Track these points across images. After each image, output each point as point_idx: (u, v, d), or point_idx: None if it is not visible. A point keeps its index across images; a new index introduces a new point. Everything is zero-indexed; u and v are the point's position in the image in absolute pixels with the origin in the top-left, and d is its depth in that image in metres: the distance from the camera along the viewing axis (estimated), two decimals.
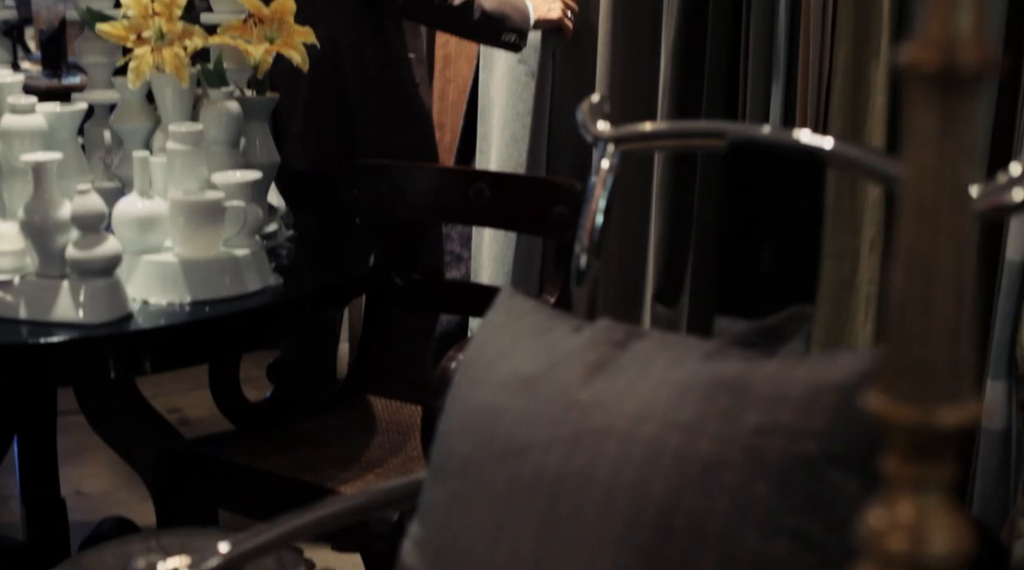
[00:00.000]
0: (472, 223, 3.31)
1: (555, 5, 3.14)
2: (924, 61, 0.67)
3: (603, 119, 1.64)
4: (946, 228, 0.69)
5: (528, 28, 3.08)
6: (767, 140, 1.58)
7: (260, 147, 2.45)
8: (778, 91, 2.66)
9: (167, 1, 2.26)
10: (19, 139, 2.17)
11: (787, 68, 2.65)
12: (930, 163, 0.68)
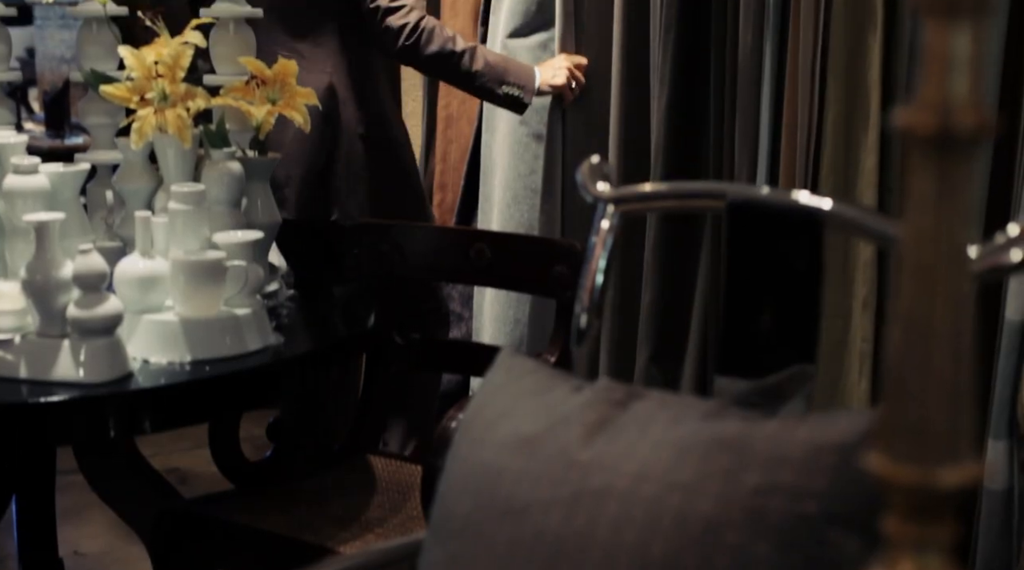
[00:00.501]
0: (472, 283, 3.31)
1: (560, 72, 3.14)
2: (921, 124, 0.68)
3: (603, 180, 1.65)
4: (944, 289, 0.69)
5: (532, 89, 3.10)
6: (766, 201, 1.59)
7: (261, 207, 2.46)
8: (764, 151, 2.68)
9: (170, 63, 2.28)
10: (22, 199, 2.18)
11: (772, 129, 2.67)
12: (927, 225, 0.69)
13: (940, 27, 0.68)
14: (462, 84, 3.23)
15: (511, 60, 3.11)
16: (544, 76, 3.12)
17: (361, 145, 3.04)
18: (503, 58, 3.10)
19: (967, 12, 0.67)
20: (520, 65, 3.11)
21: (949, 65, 0.67)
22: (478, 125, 3.49)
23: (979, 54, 0.68)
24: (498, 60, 3.07)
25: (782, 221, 1.50)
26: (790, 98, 2.61)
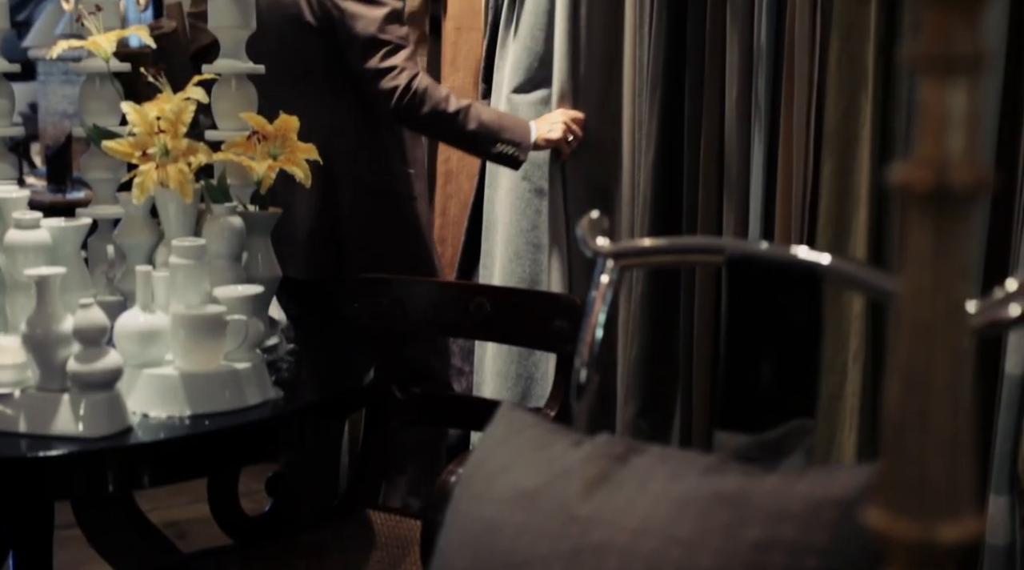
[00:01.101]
0: (472, 337, 3.32)
1: (557, 126, 3.15)
2: (918, 181, 0.69)
3: (602, 235, 1.66)
4: (942, 344, 0.70)
5: (528, 145, 3.09)
6: (765, 256, 1.59)
7: (262, 261, 2.47)
8: (758, 206, 2.69)
9: (172, 118, 2.30)
10: (23, 253, 2.18)
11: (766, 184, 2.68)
12: (925, 280, 0.69)
13: (936, 85, 0.68)
14: (457, 144, 3.25)
15: (506, 116, 3.12)
16: (540, 131, 3.13)
17: (368, 199, 3.04)
18: (498, 115, 3.10)
19: (963, 70, 0.68)
20: (516, 121, 3.11)
21: (945, 122, 0.68)
22: (479, 180, 3.50)
23: (975, 111, 0.69)
24: (493, 118, 3.07)
25: (781, 276, 1.51)
26: (784, 153, 2.63)
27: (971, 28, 0.68)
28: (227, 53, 2.69)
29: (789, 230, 2.62)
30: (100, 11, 2.53)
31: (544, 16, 3.18)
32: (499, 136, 3.06)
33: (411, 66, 2.98)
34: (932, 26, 0.68)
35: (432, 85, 3.01)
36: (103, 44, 2.49)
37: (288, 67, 3.01)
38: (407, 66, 2.97)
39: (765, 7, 2.64)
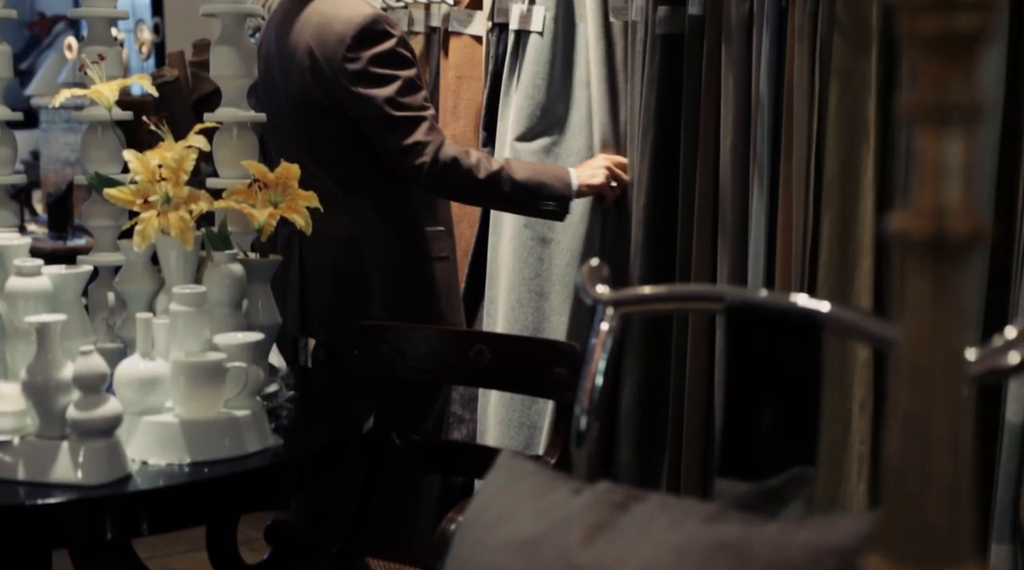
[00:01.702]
0: (472, 384, 3.31)
1: (599, 171, 3.06)
2: (916, 229, 0.69)
3: (602, 283, 1.66)
4: (941, 392, 0.70)
5: (570, 195, 2.99)
6: (765, 303, 1.60)
7: (262, 308, 2.47)
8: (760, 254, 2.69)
9: (174, 166, 2.31)
10: (24, 301, 2.19)
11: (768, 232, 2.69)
12: (924, 328, 0.70)
13: (933, 135, 0.69)
14: (496, 207, 3.18)
15: (543, 170, 3.01)
16: (582, 177, 3.03)
17: (391, 271, 2.98)
18: (534, 170, 2.99)
19: (959, 121, 0.68)
20: (554, 173, 3.01)
21: (943, 172, 0.69)
22: (480, 228, 3.51)
23: (971, 161, 0.69)
24: (529, 175, 2.95)
25: (781, 324, 1.51)
26: (784, 201, 2.63)
27: (967, 78, 0.69)
28: (229, 101, 2.70)
29: (789, 279, 2.62)
30: (103, 60, 2.55)
31: (546, 65, 3.19)
32: (539, 193, 2.96)
33: (434, 137, 2.87)
34: (928, 76, 0.69)
35: (460, 154, 2.90)
36: (106, 93, 2.51)
37: (305, 144, 2.94)
38: (430, 138, 2.86)
39: (764, 54, 2.66)
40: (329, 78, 2.84)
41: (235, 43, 2.69)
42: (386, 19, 2.86)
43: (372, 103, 2.82)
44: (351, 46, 2.80)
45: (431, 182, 2.87)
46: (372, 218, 2.95)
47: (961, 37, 0.69)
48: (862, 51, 2.49)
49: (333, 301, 2.98)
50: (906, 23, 0.71)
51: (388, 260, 2.96)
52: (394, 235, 2.97)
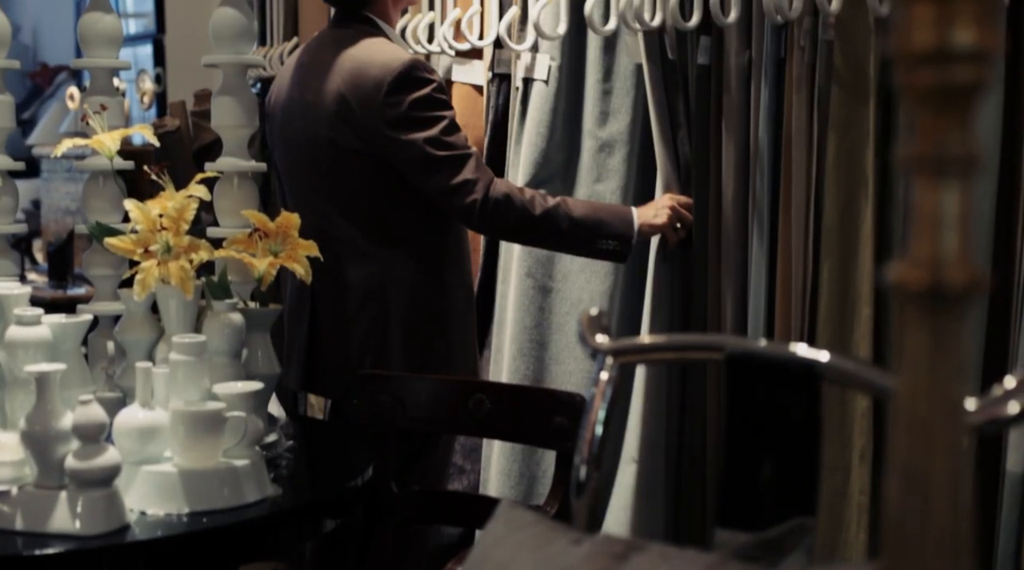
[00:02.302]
0: (472, 434, 3.30)
1: (663, 212, 2.90)
2: (913, 280, 0.69)
3: (602, 332, 1.67)
4: (940, 442, 0.70)
5: (632, 235, 2.86)
6: (764, 353, 1.60)
7: (262, 357, 2.47)
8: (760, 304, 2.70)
9: (175, 216, 2.31)
10: (23, 350, 2.19)
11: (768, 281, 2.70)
12: (922, 379, 0.70)
13: (929, 186, 0.69)
14: (552, 247, 3.04)
15: (603, 208, 2.90)
16: (644, 217, 2.88)
17: (413, 324, 2.87)
18: (593, 208, 2.88)
19: (955, 172, 0.69)
20: (615, 210, 2.90)
21: (939, 223, 0.69)
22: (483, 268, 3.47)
23: (968, 212, 0.70)
24: (588, 212, 2.84)
25: (780, 373, 1.51)
26: (783, 250, 2.64)
27: (963, 130, 0.70)
28: (230, 151, 2.72)
29: (789, 328, 2.63)
30: (105, 110, 2.57)
31: (549, 114, 3.19)
32: (598, 232, 2.83)
33: (483, 174, 2.77)
34: (925, 128, 0.69)
35: (512, 190, 2.80)
36: (107, 143, 2.52)
37: (329, 192, 2.86)
38: (479, 175, 2.76)
39: (763, 103, 2.67)
40: (364, 124, 2.75)
41: (236, 93, 2.71)
42: (424, 64, 2.80)
43: (414, 146, 2.73)
44: (390, 91, 2.72)
45: (483, 220, 2.78)
46: (399, 269, 2.84)
47: (957, 89, 0.69)
48: (860, 101, 2.50)
49: (347, 354, 2.88)
50: (902, 75, 0.71)
51: (413, 313, 2.86)
52: (422, 287, 2.86)
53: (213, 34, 2.70)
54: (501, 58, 3.39)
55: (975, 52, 0.68)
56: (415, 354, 2.85)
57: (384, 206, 2.82)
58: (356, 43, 2.81)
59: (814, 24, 2.59)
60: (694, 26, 2.75)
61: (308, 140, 2.82)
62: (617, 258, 2.90)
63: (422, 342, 2.87)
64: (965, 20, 0.68)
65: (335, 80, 2.77)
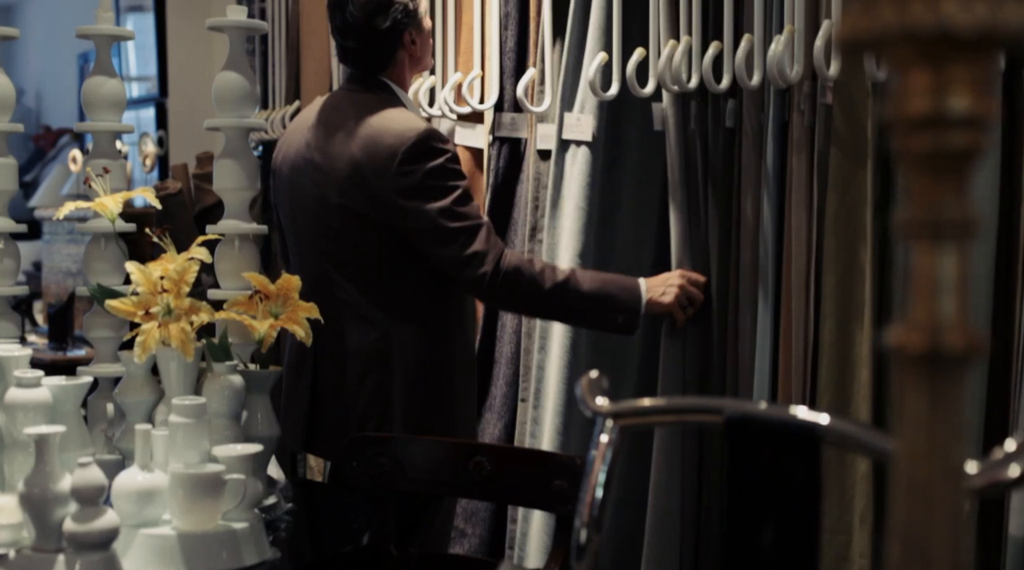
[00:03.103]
0: (472, 497, 3.29)
1: (671, 290, 2.87)
2: (911, 344, 0.70)
3: (602, 395, 1.67)
4: (940, 506, 0.70)
5: (638, 310, 2.85)
6: (764, 416, 1.60)
7: (261, 420, 2.47)
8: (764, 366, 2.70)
9: (176, 278, 2.32)
10: (23, 412, 2.19)
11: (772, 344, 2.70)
12: (921, 443, 0.70)
13: (927, 250, 0.70)
14: (560, 320, 3.05)
15: (612, 281, 2.88)
16: (652, 293, 2.86)
17: (415, 389, 2.85)
18: (602, 281, 2.86)
19: (952, 236, 0.69)
20: (623, 285, 2.87)
21: (937, 287, 0.69)
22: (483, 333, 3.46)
23: (966, 275, 0.70)
24: (597, 286, 2.83)
25: (780, 436, 1.51)
26: (785, 312, 2.64)
27: (960, 195, 0.70)
28: (231, 214, 2.73)
29: (791, 390, 2.62)
30: (108, 173, 2.58)
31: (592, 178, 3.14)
32: (607, 306, 2.83)
33: (494, 246, 2.76)
34: (921, 193, 0.70)
35: (523, 262, 2.79)
36: (110, 205, 2.53)
37: (335, 256, 2.85)
38: (490, 247, 2.75)
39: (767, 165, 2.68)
40: (377, 191, 2.74)
41: (238, 156, 2.73)
42: (439, 134, 2.80)
43: (427, 216, 2.72)
44: (404, 160, 2.72)
45: (493, 293, 2.78)
46: (403, 336, 2.83)
47: (953, 155, 0.70)
48: (859, 164, 2.52)
49: (349, 419, 2.86)
50: (899, 140, 0.72)
51: (415, 379, 2.85)
52: (425, 355, 2.85)
53: (216, 98, 2.73)
54: (502, 122, 3.40)
55: (970, 118, 0.69)
56: (417, 422, 2.84)
57: (390, 272, 2.81)
58: (371, 108, 2.81)
59: (813, 88, 2.61)
60: (725, 88, 2.76)
61: (317, 202, 2.82)
62: (625, 331, 2.89)
63: (424, 410, 2.86)
64: (960, 87, 0.69)
65: (349, 145, 2.77)
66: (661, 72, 2.83)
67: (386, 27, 2.83)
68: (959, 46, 0.68)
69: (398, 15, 2.84)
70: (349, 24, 2.81)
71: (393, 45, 2.85)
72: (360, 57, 2.86)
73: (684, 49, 2.82)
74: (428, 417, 2.86)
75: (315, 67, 4.13)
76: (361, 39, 2.83)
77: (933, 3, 0.67)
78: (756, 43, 2.67)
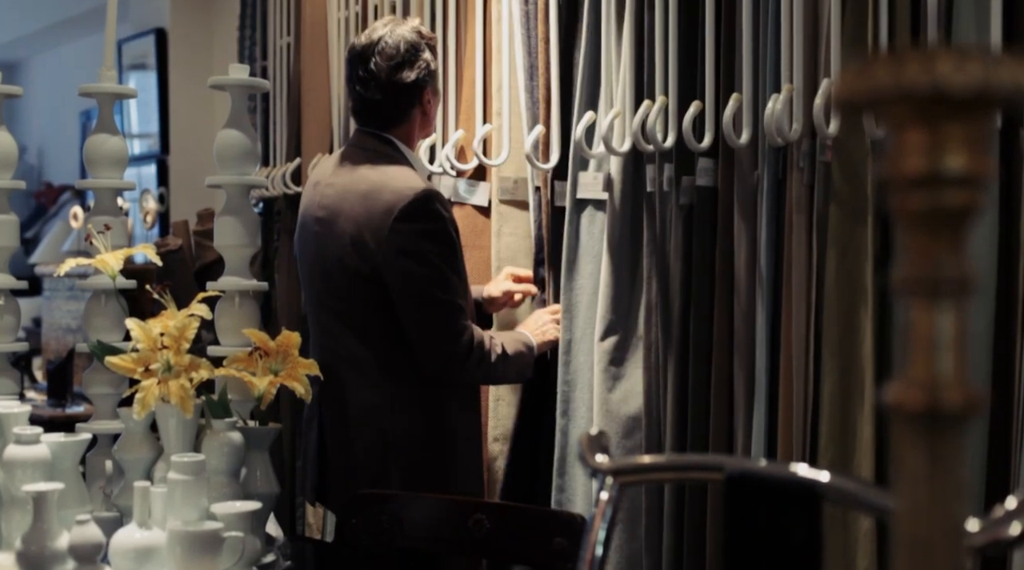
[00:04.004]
0: (472, 554, 3.27)
1: (548, 327, 3.08)
2: (910, 401, 0.70)
3: (601, 452, 1.66)
4: (941, 564, 0.70)
5: (534, 355, 3.02)
6: (764, 473, 1.59)
7: (260, 477, 2.46)
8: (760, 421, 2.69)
9: (176, 335, 2.32)
10: (22, 469, 2.18)
11: (769, 401, 2.69)
12: (921, 500, 0.70)
13: (924, 307, 0.70)
14: (503, 382, 3.17)
15: (517, 340, 3.00)
16: (537, 336, 3.06)
17: (415, 445, 2.87)
18: (513, 342, 2.98)
19: (949, 294, 0.70)
20: (518, 338, 3.01)
21: (935, 344, 0.70)
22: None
23: (964, 333, 0.70)
24: (514, 349, 2.95)
25: (781, 494, 1.51)
26: (785, 370, 2.64)
27: (957, 253, 0.71)
28: (232, 270, 2.74)
29: (791, 448, 2.62)
30: (109, 230, 2.59)
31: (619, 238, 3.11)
32: (523, 362, 2.99)
33: (467, 324, 2.84)
34: (918, 251, 0.70)
35: (481, 338, 2.87)
36: (111, 262, 2.54)
37: (339, 311, 2.87)
38: (464, 325, 2.83)
39: (763, 224, 2.69)
40: (372, 247, 2.76)
41: (239, 213, 2.74)
42: (439, 197, 2.82)
43: (413, 280, 2.76)
44: (400, 217, 2.74)
45: (459, 368, 2.83)
46: (404, 391, 2.85)
47: (949, 213, 0.70)
48: (858, 221, 2.52)
49: (350, 472, 2.88)
50: (896, 199, 0.72)
51: (417, 434, 2.86)
52: (425, 410, 2.87)
53: (217, 155, 2.74)
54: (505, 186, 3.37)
55: (966, 177, 0.70)
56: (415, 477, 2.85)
57: (390, 329, 2.83)
58: (375, 165, 2.84)
59: (812, 146, 2.62)
60: (706, 147, 2.77)
61: (321, 259, 2.85)
62: (526, 380, 3.09)
63: (424, 466, 2.86)
64: (955, 146, 0.69)
65: (349, 201, 2.80)
66: (635, 131, 2.85)
67: (411, 81, 2.86)
68: (954, 106, 0.69)
69: (422, 71, 2.87)
70: (373, 75, 2.85)
71: (412, 101, 2.89)
72: (377, 110, 2.89)
73: (660, 108, 2.83)
74: (428, 473, 2.86)
75: (316, 125, 4.15)
76: (385, 91, 2.86)
77: (928, 64, 0.67)
78: (745, 102, 2.68)
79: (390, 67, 2.84)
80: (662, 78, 2.84)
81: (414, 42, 2.87)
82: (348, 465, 2.87)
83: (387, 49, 2.85)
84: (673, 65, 2.83)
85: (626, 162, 3.00)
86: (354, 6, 3.94)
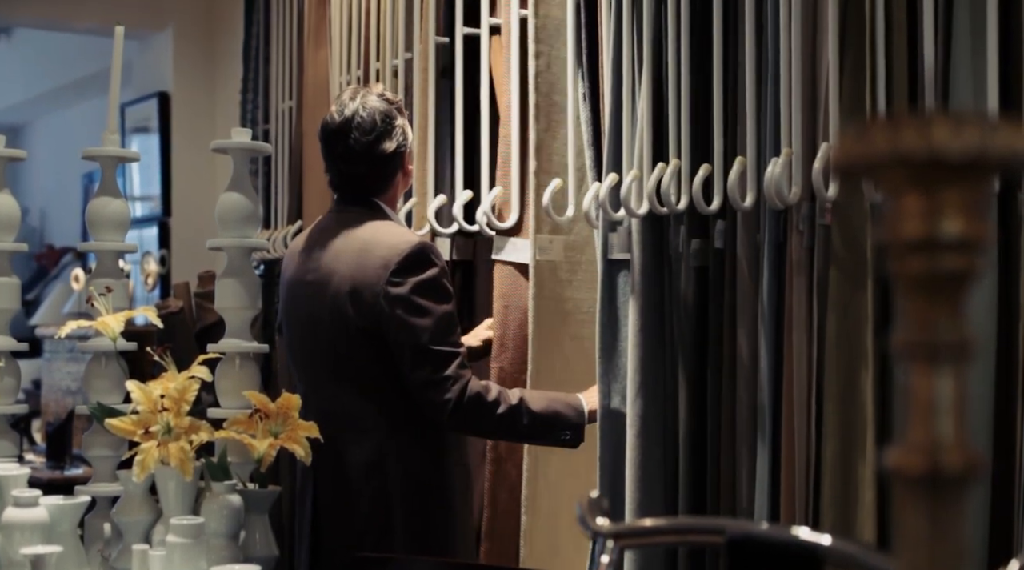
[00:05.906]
0: None
1: None
2: (910, 465, 0.70)
3: (602, 515, 1.66)
4: None
5: (583, 422, 2.95)
6: (765, 536, 1.59)
7: (260, 540, 2.46)
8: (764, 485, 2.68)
9: (176, 397, 2.32)
10: (20, 532, 2.18)
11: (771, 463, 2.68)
12: (922, 564, 0.70)
13: (923, 372, 0.70)
14: (517, 440, 3.14)
15: (557, 399, 2.96)
16: (591, 403, 2.97)
17: (413, 501, 2.84)
18: (549, 400, 2.95)
19: (948, 358, 0.70)
20: (567, 401, 2.96)
21: (934, 408, 0.70)
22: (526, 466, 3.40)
23: (963, 396, 0.71)
24: (545, 406, 2.92)
25: (782, 557, 1.50)
26: (787, 434, 2.64)
27: (955, 317, 0.71)
28: (232, 332, 2.74)
29: (793, 511, 2.60)
30: (110, 292, 2.60)
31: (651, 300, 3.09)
32: (555, 424, 2.92)
33: (464, 373, 2.83)
34: (917, 315, 0.71)
35: (482, 388, 2.84)
36: (112, 325, 2.55)
37: (333, 369, 2.86)
38: (461, 374, 2.81)
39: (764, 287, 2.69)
40: (368, 301, 2.77)
41: (240, 275, 2.75)
42: (432, 249, 2.85)
43: (410, 332, 2.77)
44: (396, 271, 2.76)
45: (455, 417, 2.80)
46: (400, 444, 2.84)
47: (947, 278, 0.71)
48: (858, 284, 2.53)
49: (348, 534, 2.83)
50: (894, 263, 0.73)
51: (412, 490, 2.85)
52: (421, 464, 2.87)
53: (219, 217, 2.75)
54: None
55: (964, 241, 0.70)
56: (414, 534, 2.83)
57: (385, 381, 2.83)
58: (363, 225, 2.86)
59: (812, 209, 2.63)
60: (715, 209, 2.78)
61: (313, 319, 2.84)
62: (571, 445, 2.97)
63: (424, 520, 2.85)
64: (953, 211, 0.70)
65: (342, 260, 2.80)
66: (651, 193, 2.85)
67: (391, 151, 2.88)
68: (951, 171, 0.69)
69: (399, 138, 2.89)
70: (354, 151, 2.86)
71: (395, 168, 2.91)
72: (362, 182, 2.90)
73: (673, 171, 2.84)
74: (429, 527, 2.85)
75: (317, 187, 4.16)
76: (368, 164, 2.88)
77: (925, 130, 0.68)
78: (749, 165, 2.70)
79: (369, 141, 2.86)
80: (675, 140, 2.85)
81: (387, 111, 2.90)
82: (348, 524, 2.85)
83: (364, 123, 2.87)
84: (686, 127, 2.83)
85: (644, 224, 2.99)
86: (356, 70, 3.97)
